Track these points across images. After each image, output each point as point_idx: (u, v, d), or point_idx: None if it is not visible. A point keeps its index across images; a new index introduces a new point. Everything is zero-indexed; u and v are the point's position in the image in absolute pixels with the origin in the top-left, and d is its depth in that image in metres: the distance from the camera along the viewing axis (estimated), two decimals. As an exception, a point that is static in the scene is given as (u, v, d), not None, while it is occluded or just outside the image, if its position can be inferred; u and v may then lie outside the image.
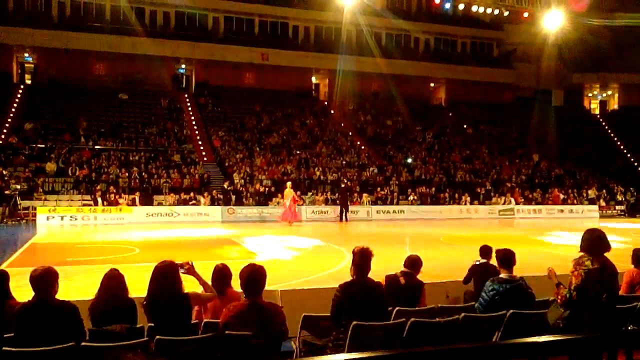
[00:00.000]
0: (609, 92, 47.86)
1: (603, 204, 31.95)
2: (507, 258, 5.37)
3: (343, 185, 27.47)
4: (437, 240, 18.83)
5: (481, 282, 6.29)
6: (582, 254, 4.37)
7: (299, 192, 26.78)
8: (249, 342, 4.16)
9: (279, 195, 26.39)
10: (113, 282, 4.87)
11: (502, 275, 5.29)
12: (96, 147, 29.48)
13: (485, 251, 7.38)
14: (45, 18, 33.89)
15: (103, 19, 34.91)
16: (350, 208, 27.50)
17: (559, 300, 4.43)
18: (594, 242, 4.37)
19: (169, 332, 4.25)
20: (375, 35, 39.04)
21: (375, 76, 39.55)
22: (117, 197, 25.09)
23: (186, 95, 37.21)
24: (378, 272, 5.72)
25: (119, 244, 16.80)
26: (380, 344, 4.49)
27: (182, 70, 39.01)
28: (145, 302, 4.59)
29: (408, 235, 21.26)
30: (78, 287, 9.25)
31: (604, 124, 44.24)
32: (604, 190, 33.47)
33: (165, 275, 4.58)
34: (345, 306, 4.71)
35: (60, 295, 4.47)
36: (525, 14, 33.11)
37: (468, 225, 25.57)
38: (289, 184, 25.20)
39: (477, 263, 7.29)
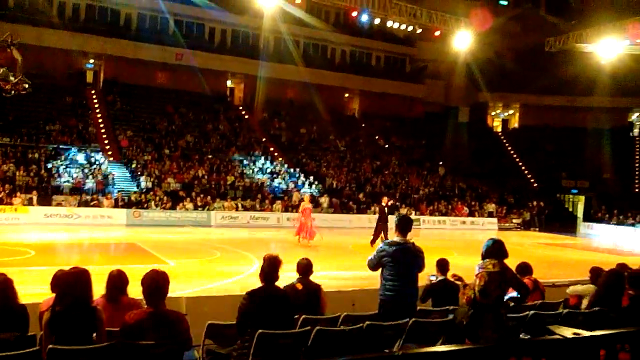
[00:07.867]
0: (511, 112, 50.61)
1: (502, 216, 33.85)
2: (403, 224, 5.75)
3: (384, 204, 21.33)
4: (347, 249, 19.11)
5: (441, 303, 6.31)
6: (487, 260, 4.67)
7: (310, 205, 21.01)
8: (150, 351, 4.01)
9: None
10: (0, 288, 4.54)
11: (395, 238, 5.74)
12: (-8, 141, 27.63)
13: (442, 265, 6.96)
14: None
15: (5, 6, 32.77)
16: (260, 214, 27.35)
17: (464, 300, 4.75)
18: (495, 249, 4.74)
19: (73, 344, 3.99)
20: (293, 43, 39.20)
21: (291, 83, 39.67)
22: (12, 196, 23.57)
23: (93, 92, 35.64)
24: (287, 280, 5.74)
25: (12, 246, 15.81)
26: (285, 353, 4.47)
27: (90, 66, 37.31)
28: (50, 309, 4.30)
29: (317, 243, 21.37)
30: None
31: (505, 141, 46.77)
32: (504, 207, 35.38)
33: (78, 283, 4.31)
34: (252, 314, 4.66)
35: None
36: (437, 33, 34.31)
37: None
38: (306, 197, 22.31)
39: (434, 280, 6.72)
